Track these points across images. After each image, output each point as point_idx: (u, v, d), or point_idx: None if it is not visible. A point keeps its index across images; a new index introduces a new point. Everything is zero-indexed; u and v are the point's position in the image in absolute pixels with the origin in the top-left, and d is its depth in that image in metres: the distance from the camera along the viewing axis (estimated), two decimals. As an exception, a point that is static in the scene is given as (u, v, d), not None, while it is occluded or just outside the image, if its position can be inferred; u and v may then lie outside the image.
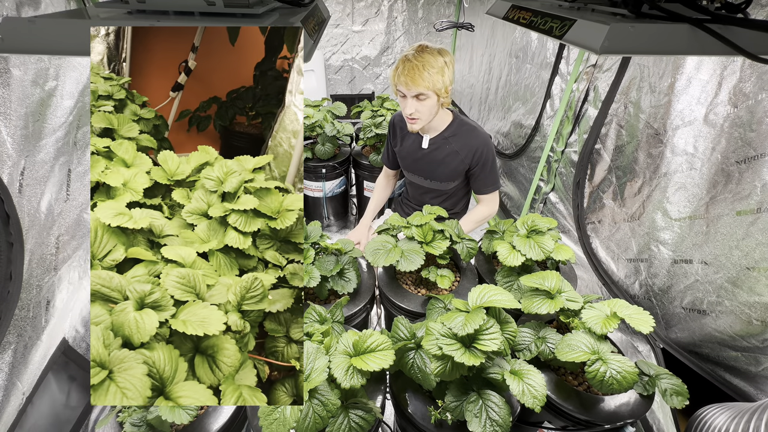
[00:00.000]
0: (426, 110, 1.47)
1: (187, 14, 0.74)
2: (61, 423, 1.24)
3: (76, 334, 1.37)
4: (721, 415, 0.90)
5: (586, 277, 1.75)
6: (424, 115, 1.49)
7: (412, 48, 1.44)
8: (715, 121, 1.16)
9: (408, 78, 1.39)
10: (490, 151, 1.62)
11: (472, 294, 0.88)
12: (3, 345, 1.05)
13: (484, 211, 1.73)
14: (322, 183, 2.40)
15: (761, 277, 1.03)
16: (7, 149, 1.08)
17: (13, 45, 0.66)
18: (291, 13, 0.84)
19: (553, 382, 0.99)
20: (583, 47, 0.73)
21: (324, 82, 3.49)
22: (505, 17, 1.12)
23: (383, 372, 0.98)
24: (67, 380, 1.28)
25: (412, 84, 1.40)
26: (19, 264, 1.08)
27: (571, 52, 1.90)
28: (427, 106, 1.46)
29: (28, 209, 1.15)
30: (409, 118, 1.51)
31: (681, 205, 1.28)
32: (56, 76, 1.26)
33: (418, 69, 1.38)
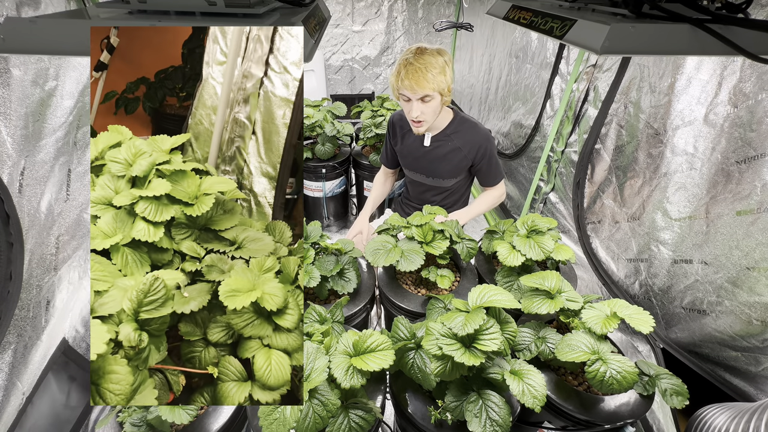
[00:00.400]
0: (431, 111, 1.48)
1: (189, 14, 0.74)
2: (61, 423, 1.24)
3: (76, 334, 1.37)
4: (721, 415, 0.90)
5: (586, 277, 1.75)
6: (429, 117, 1.50)
7: (410, 51, 1.44)
8: (715, 121, 1.16)
9: (413, 81, 1.39)
10: (492, 146, 1.65)
11: (472, 294, 0.88)
12: (3, 345, 1.05)
13: (495, 193, 1.75)
14: (322, 183, 2.40)
15: (761, 277, 1.03)
16: (7, 149, 1.08)
17: (14, 45, 0.66)
18: (292, 12, 0.84)
19: (553, 382, 0.99)
20: (584, 47, 0.73)
21: (324, 82, 3.49)
22: (505, 17, 1.12)
23: (383, 372, 0.98)
24: (67, 380, 1.28)
25: (417, 87, 1.40)
26: (19, 264, 1.08)
27: (571, 52, 1.90)
28: (431, 107, 1.47)
29: (28, 209, 1.15)
30: (415, 122, 1.51)
31: (681, 205, 1.28)
32: (56, 76, 1.26)
33: (422, 71, 1.38)
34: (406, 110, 1.51)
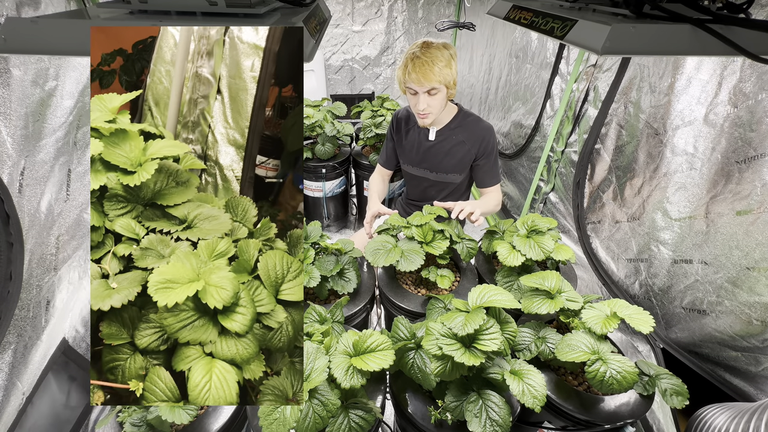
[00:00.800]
0: (437, 104, 1.51)
1: (189, 14, 0.74)
2: (61, 423, 1.24)
3: (76, 334, 1.37)
4: (721, 415, 0.90)
5: (586, 277, 1.75)
6: (435, 109, 1.52)
7: (416, 45, 1.47)
8: (715, 121, 1.16)
9: (420, 74, 1.41)
10: (495, 140, 1.66)
11: (472, 294, 0.88)
12: (3, 345, 1.05)
13: (494, 200, 1.71)
14: (322, 183, 2.40)
15: (761, 277, 1.03)
16: (7, 149, 1.08)
17: (15, 45, 0.66)
18: (293, 12, 0.84)
19: (553, 382, 0.99)
20: (585, 48, 0.73)
21: (324, 82, 3.48)
22: (506, 17, 1.12)
23: (383, 372, 0.98)
24: (67, 380, 1.28)
25: (424, 80, 1.42)
26: (19, 264, 1.08)
27: (571, 52, 1.90)
28: (438, 99, 1.49)
29: (28, 209, 1.15)
30: (421, 114, 1.53)
31: (681, 205, 1.28)
32: (56, 76, 1.26)
33: (428, 64, 1.40)
34: (413, 103, 1.53)
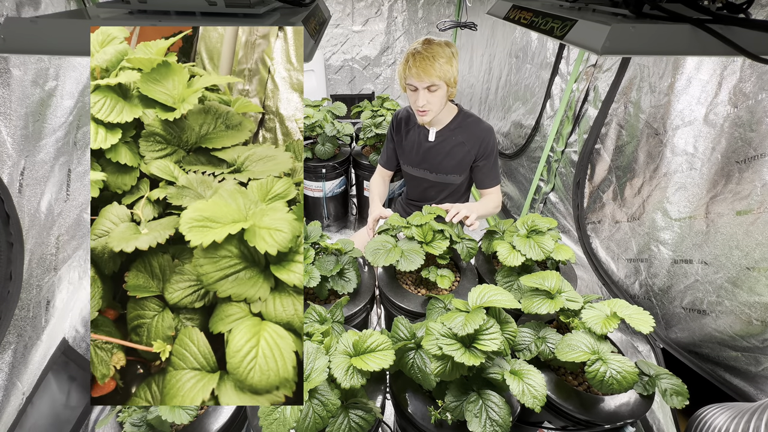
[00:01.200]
0: (437, 101, 1.50)
1: (189, 14, 0.74)
2: (61, 423, 1.24)
3: (76, 334, 1.37)
4: (721, 415, 0.90)
5: (586, 277, 1.75)
6: (435, 106, 1.52)
7: (418, 42, 1.47)
8: (715, 121, 1.16)
9: (420, 69, 1.41)
10: (495, 141, 1.66)
11: (472, 294, 0.88)
12: (3, 345, 1.05)
13: (493, 201, 1.71)
14: (322, 183, 2.40)
15: (761, 277, 1.03)
16: (7, 149, 1.08)
17: (15, 45, 0.66)
18: (292, 12, 0.84)
19: (553, 382, 0.99)
20: (585, 48, 0.73)
21: (324, 82, 3.49)
22: (505, 17, 1.12)
23: (383, 372, 0.98)
24: (67, 380, 1.28)
25: (424, 75, 1.42)
26: (19, 264, 1.08)
27: (571, 52, 1.90)
28: (438, 96, 1.49)
29: (28, 209, 1.15)
30: (420, 111, 1.53)
31: (681, 205, 1.28)
32: (56, 76, 1.26)
33: (429, 60, 1.41)
34: (412, 100, 1.53)
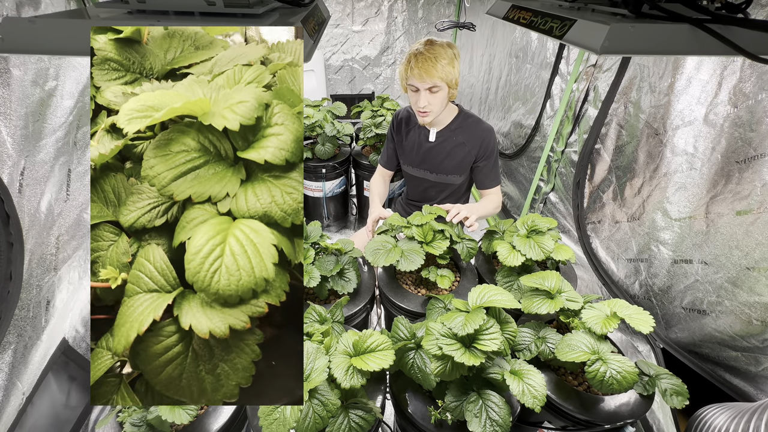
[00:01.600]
0: (438, 102, 1.50)
1: (187, 14, 0.74)
2: (61, 423, 1.24)
3: (76, 334, 1.37)
4: (721, 415, 0.90)
5: (586, 277, 1.75)
6: (436, 107, 1.51)
7: (419, 43, 1.47)
8: (715, 121, 1.16)
9: (422, 70, 1.41)
10: (495, 141, 1.66)
11: (472, 294, 0.88)
12: (3, 345, 1.05)
13: (493, 202, 1.70)
14: (322, 183, 2.40)
15: (761, 277, 1.03)
16: (7, 149, 1.08)
17: (14, 45, 0.66)
18: (291, 13, 0.84)
19: (553, 382, 0.99)
20: (584, 47, 0.73)
21: (324, 82, 3.49)
22: (505, 17, 1.12)
23: (383, 372, 0.98)
24: (67, 380, 1.28)
25: (426, 76, 1.42)
26: (19, 264, 1.08)
27: (571, 52, 1.90)
28: (439, 97, 1.49)
29: (28, 209, 1.15)
30: (421, 112, 1.53)
31: (681, 205, 1.28)
32: (56, 76, 1.26)
33: (431, 61, 1.40)
34: (413, 101, 1.53)
